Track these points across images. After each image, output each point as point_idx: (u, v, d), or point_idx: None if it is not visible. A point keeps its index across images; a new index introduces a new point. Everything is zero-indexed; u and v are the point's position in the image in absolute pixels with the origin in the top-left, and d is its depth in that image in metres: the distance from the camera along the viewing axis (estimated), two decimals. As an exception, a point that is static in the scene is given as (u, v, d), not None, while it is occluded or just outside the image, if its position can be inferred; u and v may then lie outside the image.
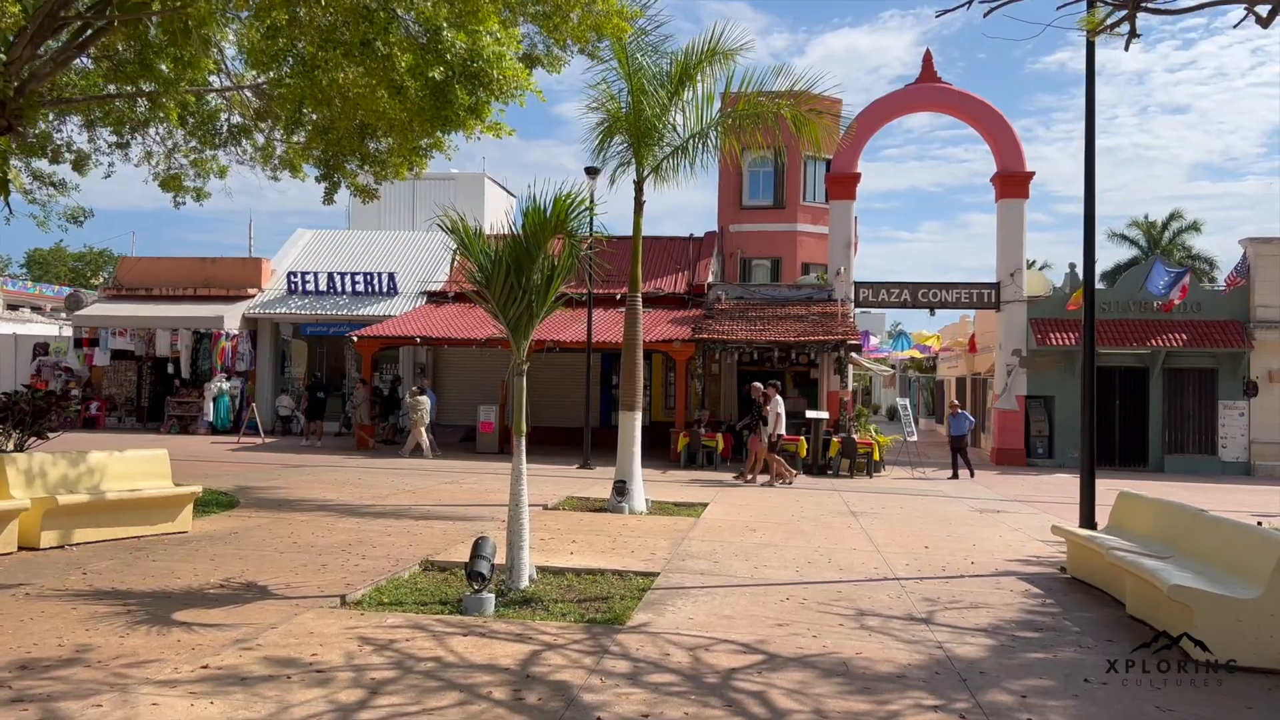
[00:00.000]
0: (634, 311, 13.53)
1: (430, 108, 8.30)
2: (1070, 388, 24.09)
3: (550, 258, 7.51)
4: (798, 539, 10.73)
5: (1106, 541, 7.78)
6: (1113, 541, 7.77)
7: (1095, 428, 9.93)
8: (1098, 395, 24.73)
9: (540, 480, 16.57)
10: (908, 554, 9.96)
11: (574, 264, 7.52)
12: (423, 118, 8.52)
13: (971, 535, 11.61)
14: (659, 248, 28.18)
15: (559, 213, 7.18)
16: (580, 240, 7.51)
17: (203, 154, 18.74)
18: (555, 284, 7.46)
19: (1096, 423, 24.10)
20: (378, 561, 8.62)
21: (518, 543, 7.52)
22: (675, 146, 13.51)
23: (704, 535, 10.76)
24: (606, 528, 11.10)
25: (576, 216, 7.27)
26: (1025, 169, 24.55)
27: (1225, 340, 22.88)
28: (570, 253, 7.47)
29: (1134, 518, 8.44)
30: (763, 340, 21.74)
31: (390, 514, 11.82)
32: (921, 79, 25.29)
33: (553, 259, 7.51)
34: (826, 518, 12.84)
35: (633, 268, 13.54)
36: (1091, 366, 9.86)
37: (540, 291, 7.45)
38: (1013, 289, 24.40)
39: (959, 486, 18.50)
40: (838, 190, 25.12)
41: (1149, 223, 47.93)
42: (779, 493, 15.98)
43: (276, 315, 28.41)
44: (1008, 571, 9.11)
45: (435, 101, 8.26)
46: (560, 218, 7.20)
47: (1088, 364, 9.84)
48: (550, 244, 7.48)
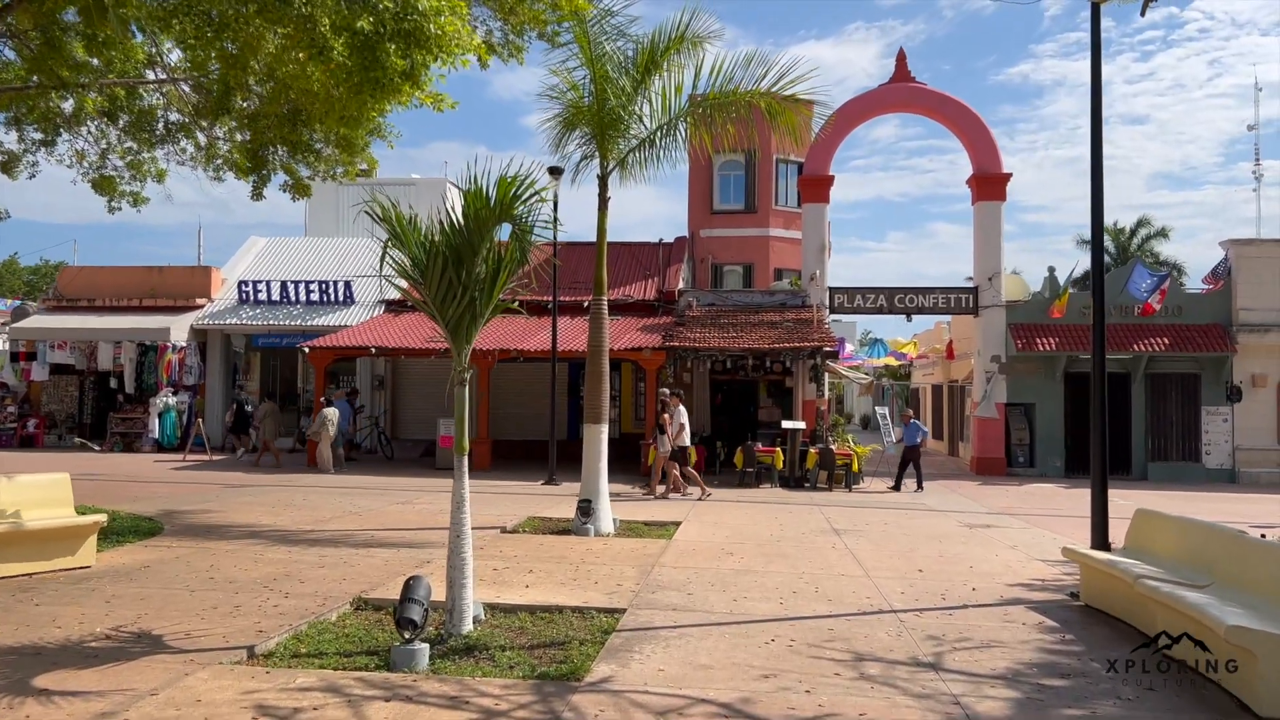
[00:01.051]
0: (599, 316, 12.52)
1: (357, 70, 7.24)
2: (1051, 394, 23.44)
3: (496, 249, 6.48)
4: (779, 563, 9.75)
5: (1132, 568, 6.87)
6: (1139, 568, 6.86)
7: (1107, 437, 9.05)
8: (1078, 402, 24.29)
9: (501, 498, 15.49)
10: (901, 579, 9.01)
11: (524, 256, 6.49)
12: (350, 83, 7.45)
13: (966, 555, 10.70)
14: (628, 253, 27.22)
15: (504, 196, 6.16)
16: (531, 228, 6.48)
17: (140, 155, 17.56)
18: (502, 279, 6.43)
19: (1077, 430, 23.72)
20: (303, 600, 7.52)
21: (459, 580, 6.46)
22: (642, 139, 12.53)
23: (676, 560, 9.74)
24: (569, 553, 10.05)
25: (526, 202, 6.25)
26: (1002, 170, 23.88)
27: (1207, 344, 22.30)
28: (519, 243, 6.44)
29: (1156, 538, 7.55)
30: (736, 348, 20.82)
31: (329, 541, 10.69)
32: (895, 79, 24.57)
33: (499, 251, 6.49)
34: (808, 537, 11.88)
35: (597, 269, 12.54)
36: (1102, 371, 8.99)
37: (484, 288, 6.42)
38: (991, 293, 23.70)
39: (943, 499, 17.65)
40: (811, 193, 24.32)
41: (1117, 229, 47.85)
42: (756, 510, 15.01)
43: (227, 326, 27.06)
44: (1014, 599, 8.18)
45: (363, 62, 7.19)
46: (506, 202, 6.17)
47: (1098, 369, 8.97)
48: (495, 234, 6.46)
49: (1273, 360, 22.46)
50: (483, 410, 21.53)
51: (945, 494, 18.65)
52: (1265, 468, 22.34)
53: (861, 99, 24.67)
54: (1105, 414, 8.92)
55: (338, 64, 7.09)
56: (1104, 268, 9.00)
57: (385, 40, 7.14)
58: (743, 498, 16.90)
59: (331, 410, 20.57)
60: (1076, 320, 23.20)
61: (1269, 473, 22.27)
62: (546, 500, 15.32)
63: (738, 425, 23.67)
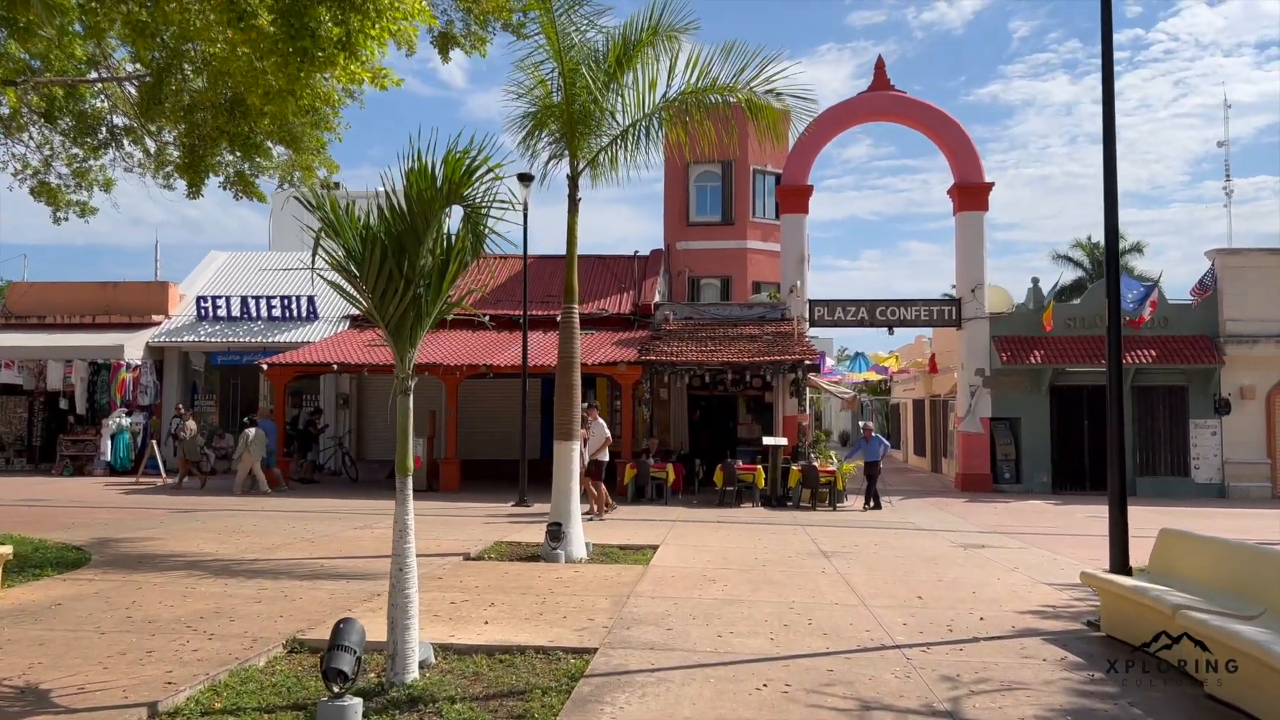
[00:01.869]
0: (570, 325, 11.70)
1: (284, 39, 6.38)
2: (1037, 408, 22.85)
3: (445, 237, 5.65)
4: (767, 591, 8.92)
5: (1165, 597, 6.11)
6: (1174, 596, 6.10)
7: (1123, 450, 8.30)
8: (1064, 416, 23.69)
9: (468, 521, 14.57)
10: (901, 608, 8.21)
11: (478, 245, 5.66)
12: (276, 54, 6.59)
13: (966, 579, 9.92)
14: (602, 266, 26.48)
15: (453, 174, 5.33)
16: (487, 212, 5.64)
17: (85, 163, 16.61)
18: (452, 271, 5.60)
19: (1064, 445, 23.07)
20: (228, 643, 6.59)
21: (402, 620, 5.58)
22: (614, 136, 11.76)
23: (654, 589, 8.89)
24: (536, 583, 9.17)
25: (480, 180, 5.42)
26: (984, 179, 23.38)
27: (1195, 356, 21.81)
28: (472, 229, 5.61)
29: (1186, 561, 6.80)
30: (714, 361, 20.06)
31: (273, 571, 9.73)
32: (874, 87, 24.07)
33: (449, 239, 5.66)
34: (796, 560, 11.06)
35: (568, 274, 11.73)
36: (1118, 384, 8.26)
37: (432, 282, 5.58)
38: (974, 305, 23.12)
39: (932, 518, 16.91)
40: (789, 203, 23.70)
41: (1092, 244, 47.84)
42: (738, 531, 14.18)
43: (185, 344, 25.98)
44: (1027, 630, 7.39)
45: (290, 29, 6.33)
46: (455, 180, 5.34)
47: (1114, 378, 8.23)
48: (445, 220, 5.64)
49: (1261, 372, 22.01)
50: (451, 428, 20.60)
51: (933, 512, 17.91)
52: (1255, 482, 21.82)
53: (840, 108, 24.12)
54: (1121, 428, 8.21)
55: (261, 32, 6.24)
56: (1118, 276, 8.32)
57: (316, 4, 6.30)
58: (724, 518, 16.08)
59: (255, 431, 19.68)
60: (1062, 332, 22.67)
61: (1259, 487, 21.76)
62: (516, 524, 14.42)
63: (717, 442, 22.87)
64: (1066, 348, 22.42)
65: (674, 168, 28.16)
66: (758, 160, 28.24)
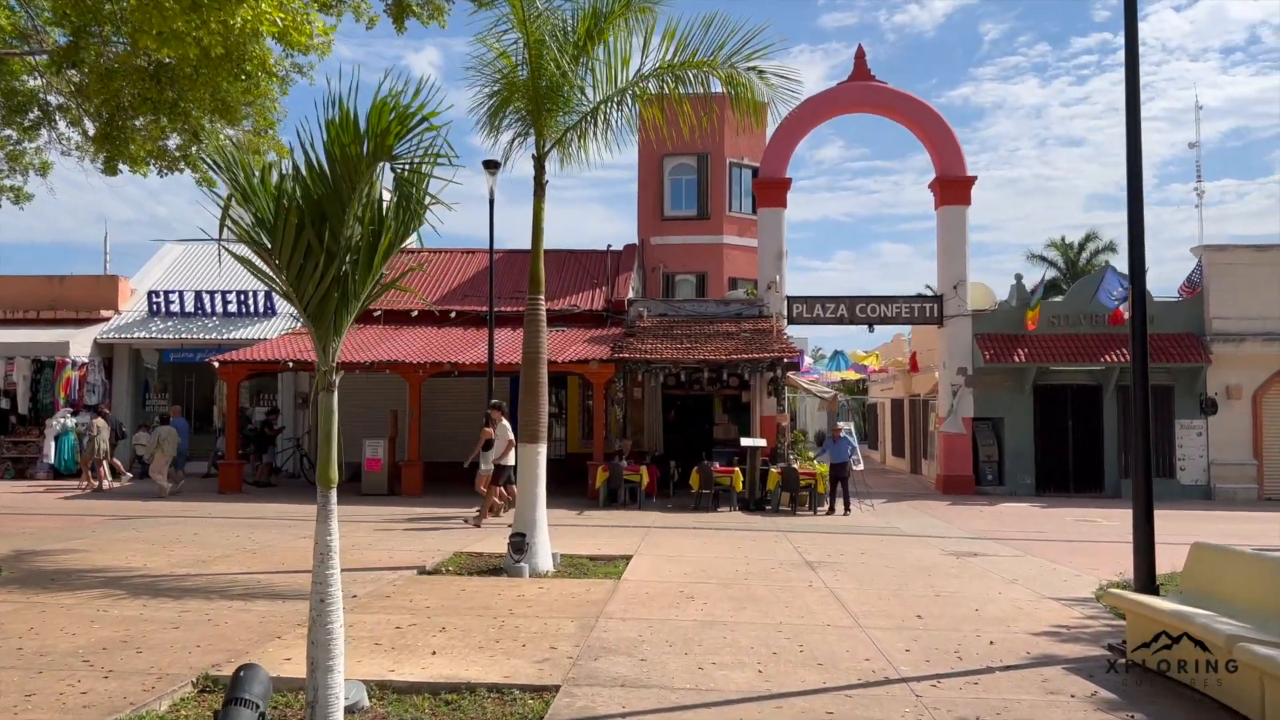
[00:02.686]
0: (535, 319, 10.82)
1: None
2: (1021, 408, 22.23)
3: (376, 204, 4.75)
4: (750, 610, 8.08)
5: (1214, 625, 5.33)
6: (1225, 624, 5.33)
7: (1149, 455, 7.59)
8: (1048, 416, 23.02)
9: (428, 530, 13.64)
10: (900, 629, 7.40)
11: (417, 212, 4.76)
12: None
13: (965, 593, 9.14)
14: (574, 261, 25.56)
15: (380, 125, 4.42)
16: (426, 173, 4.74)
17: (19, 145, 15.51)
18: (384, 243, 4.69)
19: (1048, 446, 22.39)
20: (128, 681, 5.64)
21: (324, 660, 4.66)
22: (584, 113, 10.88)
23: (626, 609, 8.02)
24: (495, 601, 8.26)
25: (413, 133, 4.52)
26: (966, 173, 22.72)
27: (1181, 355, 21.28)
28: (407, 193, 4.70)
29: (1225, 579, 6.04)
30: (690, 359, 19.22)
31: (203, 589, 8.76)
32: (854, 77, 23.33)
33: (380, 205, 4.75)
34: (780, 572, 10.24)
35: (533, 263, 10.84)
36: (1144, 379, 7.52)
37: (361, 257, 4.68)
38: (956, 303, 22.46)
39: (916, 523, 16.18)
40: (767, 197, 22.90)
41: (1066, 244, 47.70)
42: (716, 539, 13.35)
43: (135, 340, 24.75)
44: (1044, 656, 6.60)
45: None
46: (382, 132, 4.43)
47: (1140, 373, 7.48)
48: (376, 182, 4.73)
49: (1247, 371, 21.53)
50: (414, 430, 19.61)
51: (917, 516, 17.19)
52: (1241, 483, 21.34)
53: (819, 98, 23.37)
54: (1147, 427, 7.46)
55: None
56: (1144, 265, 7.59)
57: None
58: (701, 523, 15.25)
59: (167, 429, 18.81)
60: (1046, 330, 22.08)
61: (1245, 489, 21.28)
62: (480, 531, 13.50)
63: (693, 443, 22.04)
64: (1050, 346, 21.82)
65: (649, 159, 27.33)
66: (734, 153, 27.46)
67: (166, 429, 18.94)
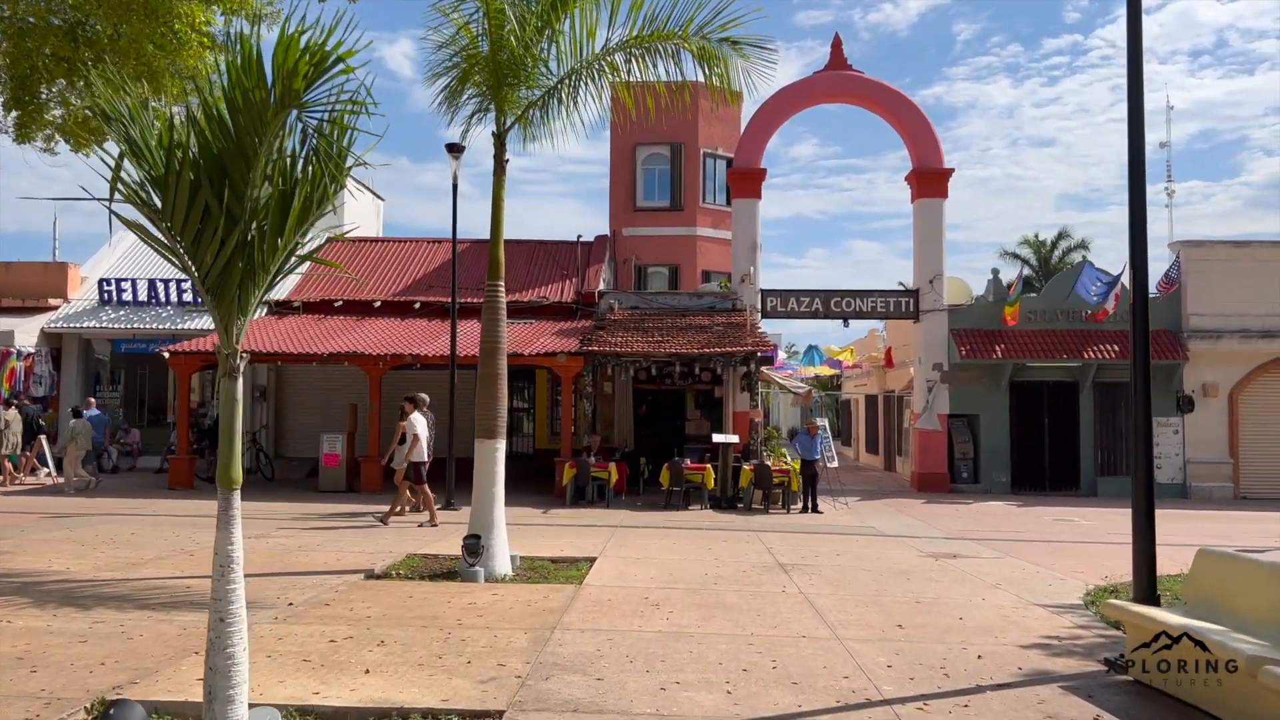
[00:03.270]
0: (494, 307, 10.17)
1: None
2: (996, 405, 21.87)
3: (288, 162, 4.10)
4: (720, 619, 7.50)
5: (1237, 646, 4.80)
6: (1244, 642, 4.81)
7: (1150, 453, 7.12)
8: (1024, 414, 22.62)
9: (383, 528, 12.95)
10: (880, 641, 6.85)
11: (336, 171, 4.12)
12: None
13: (947, 600, 8.62)
14: (543, 252, 24.89)
15: (285, 67, 3.76)
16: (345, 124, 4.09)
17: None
18: (298, 205, 4.04)
19: (1024, 444, 22.00)
20: (11, 708, 4.95)
21: (224, 690, 4.03)
22: (548, 88, 10.24)
23: (585, 619, 7.41)
24: (444, 610, 7.62)
25: (326, 76, 3.87)
26: (943, 165, 22.32)
27: (1158, 352, 20.97)
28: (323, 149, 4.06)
29: (1233, 590, 5.54)
30: (662, 353, 18.63)
31: (125, 596, 8.05)
32: (830, 67, 22.83)
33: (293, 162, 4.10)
34: (752, 576, 9.67)
35: (492, 247, 10.20)
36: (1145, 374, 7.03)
37: (270, 219, 4.03)
38: (932, 297, 22.05)
39: (891, 522, 15.71)
40: (741, 188, 22.36)
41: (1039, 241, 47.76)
42: (685, 539, 12.77)
43: (86, 330, 23.76)
44: (1037, 673, 6.07)
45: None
46: (288, 72, 3.78)
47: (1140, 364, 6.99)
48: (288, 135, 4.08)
49: (1224, 368, 21.30)
50: (374, 424, 18.85)
51: (892, 515, 16.73)
52: (1217, 482, 21.10)
53: (794, 87, 22.86)
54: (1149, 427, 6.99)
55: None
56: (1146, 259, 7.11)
57: None
58: (670, 522, 14.68)
59: (80, 422, 18.00)
60: (1023, 326, 21.73)
61: (1221, 487, 21.04)
62: (438, 530, 12.83)
63: (664, 439, 21.46)
64: (1027, 342, 21.48)
65: (621, 148, 26.69)
66: (709, 143, 26.89)
67: (80, 422, 18.07)
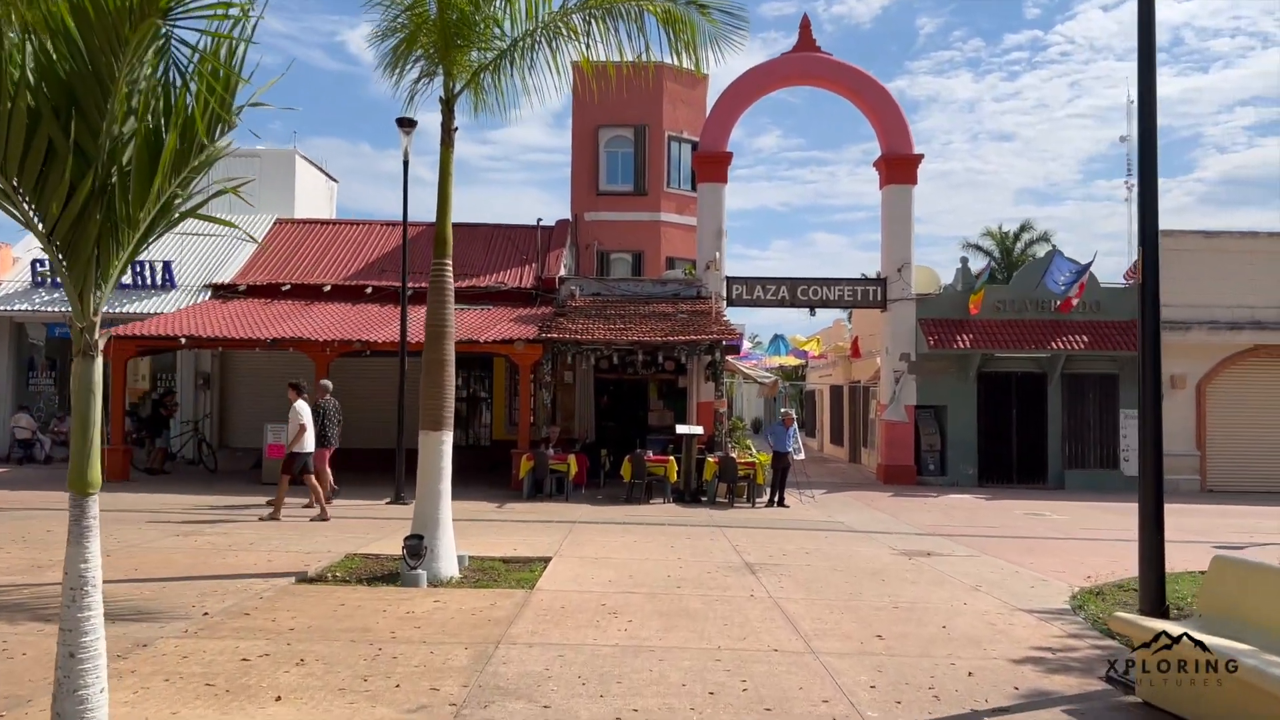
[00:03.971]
0: (441, 287, 9.39)
1: None
2: (964, 396, 21.49)
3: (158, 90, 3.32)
4: (683, 629, 6.84)
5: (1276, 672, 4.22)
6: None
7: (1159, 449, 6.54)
8: (992, 405, 22.19)
9: (327, 525, 12.13)
10: (859, 655, 6.23)
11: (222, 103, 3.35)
12: None
13: (927, 605, 8.04)
14: (502, 236, 24.04)
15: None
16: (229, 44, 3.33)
17: None
18: (171, 142, 3.27)
19: (991, 435, 21.56)
20: None
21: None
22: (500, 51, 9.46)
23: (535, 629, 6.70)
24: (377, 621, 6.86)
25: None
26: (913, 151, 21.81)
27: (1127, 343, 20.71)
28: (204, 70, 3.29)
29: (1257, 602, 4.96)
30: (624, 341, 17.92)
31: (18, 605, 7.17)
32: (798, 48, 22.20)
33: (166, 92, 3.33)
34: (717, 578, 9.03)
35: (439, 222, 9.41)
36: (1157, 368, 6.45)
37: (135, 161, 3.25)
38: (900, 285, 21.57)
39: (860, 516, 15.19)
40: (707, 171, 21.70)
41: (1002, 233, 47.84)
42: (647, 535, 12.11)
43: (18, 314, 22.48)
44: (1036, 693, 5.48)
45: None
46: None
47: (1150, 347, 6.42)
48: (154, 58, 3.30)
49: (1192, 360, 21.10)
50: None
51: (860, 509, 16.22)
52: (1184, 475, 20.90)
53: (761, 69, 22.22)
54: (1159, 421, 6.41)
55: None
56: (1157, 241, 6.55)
57: None
58: (631, 517, 14.00)
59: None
60: (991, 316, 21.35)
61: (1188, 480, 20.86)
62: (385, 526, 12.01)
63: (626, 430, 20.79)
64: (995, 332, 21.09)
65: (583, 129, 25.87)
66: (674, 126, 26.18)
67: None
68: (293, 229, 24.63)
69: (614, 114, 25.29)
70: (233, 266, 22.92)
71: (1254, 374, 21.34)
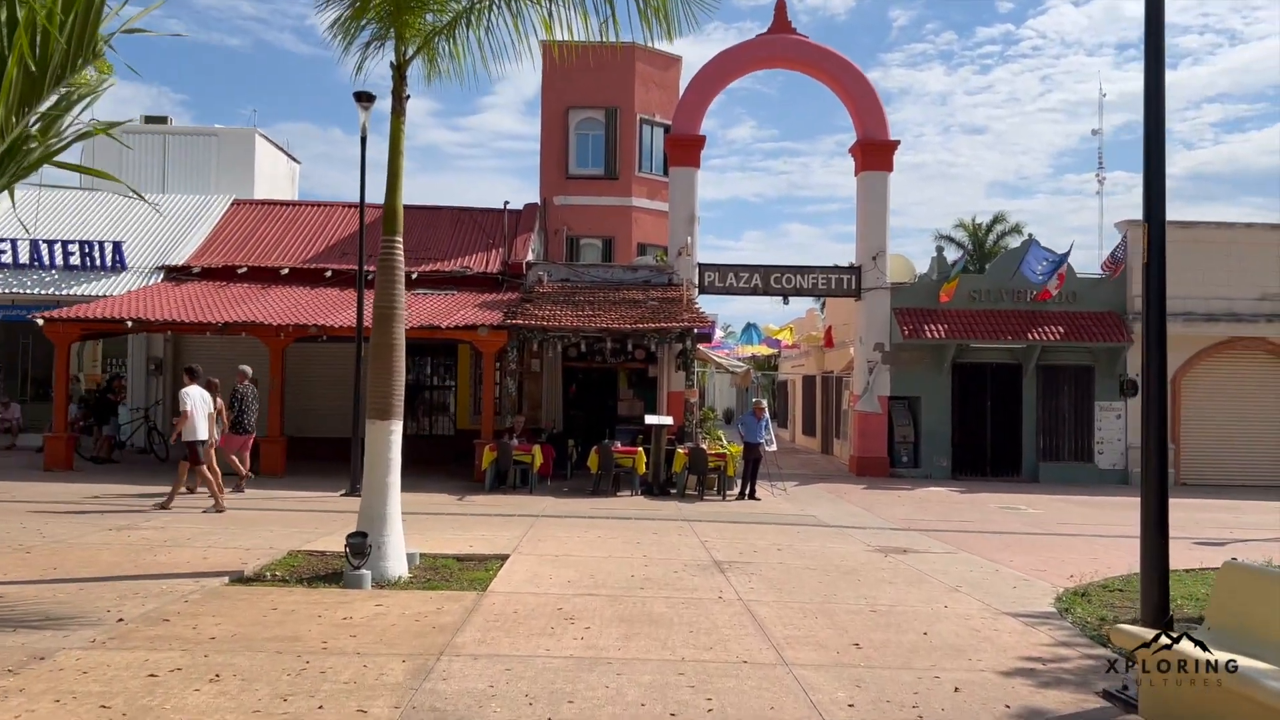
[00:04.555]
0: (390, 266, 8.77)
1: None
2: (938, 387, 21.15)
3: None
4: (646, 636, 6.31)
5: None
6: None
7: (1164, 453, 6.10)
8: (967, 396, 21.78)
9: (274, 517, 11.49)
10: (837, 668, 5.73)
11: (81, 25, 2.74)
12: None
13: (905, 607, 7.57)
14: (468, 220, 23.35)
15: None
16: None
17: None
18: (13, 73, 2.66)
19: (965, 427, 21.16)
20: None
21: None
22: (457, 12, 8.82)
23: (483, 639, 6.13)
24: (309, 629, 6.26)
25: None
26: (889, 136, 21.39)
27: (1103, 334, 20.47)
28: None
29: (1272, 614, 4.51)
30: (592, 328, 17.34)
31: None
32: (773, 29, 21.68)
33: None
34: (684, 578, 8.51)
35: (388, 197, 8.78)
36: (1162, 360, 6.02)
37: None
38: (875, 274, 21.17)
39: (833, 510, 14.76)
40: (679, 155, 21.14)
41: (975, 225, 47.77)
42: (612, 531, 11.57)
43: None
44: (1030, 712, 4.99)
45: None
46: None
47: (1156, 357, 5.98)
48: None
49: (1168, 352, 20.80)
50: (274, 401, 17.20)
51: (833, 502, 15.80)
52: (1157, 468, 20.66)
53: (734, 51, 21.69)
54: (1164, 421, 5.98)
55: None
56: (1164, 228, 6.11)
57: None
58: (597, 510, 13.46)
59: None
60: (965, 305, 21.01)
61: (1161, 473, 20.61)
62: (336, 520, 11.36)
63: (594, 420, 20.24)
64: (971, 322, 20.76)
65: (553, 110, 25.17)
66: (646, 108, 25.56)
67: None
68: (251, 210, 23.77)
69: (584, 95, 24.66)
70: (187, 248, 22.05)
71: (1229, 366, 21.18)
